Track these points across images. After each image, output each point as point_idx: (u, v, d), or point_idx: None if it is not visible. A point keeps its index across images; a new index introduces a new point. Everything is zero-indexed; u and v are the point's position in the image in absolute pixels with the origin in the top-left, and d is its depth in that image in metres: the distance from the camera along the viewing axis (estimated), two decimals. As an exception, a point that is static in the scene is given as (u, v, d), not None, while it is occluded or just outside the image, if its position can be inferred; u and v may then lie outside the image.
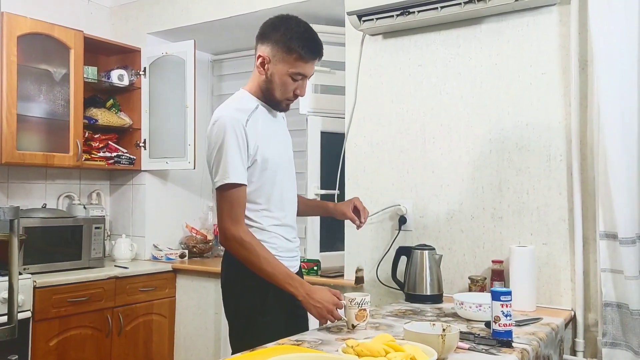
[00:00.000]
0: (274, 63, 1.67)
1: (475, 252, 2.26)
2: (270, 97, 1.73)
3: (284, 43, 1.65)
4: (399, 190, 2.46)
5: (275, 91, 1.70)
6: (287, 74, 1.67)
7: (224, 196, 1.62)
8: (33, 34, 2.76)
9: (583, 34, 2.05)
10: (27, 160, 2.74)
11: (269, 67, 1.68)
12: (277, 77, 1.68)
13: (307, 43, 1.67)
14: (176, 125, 3.18)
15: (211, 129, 1.66)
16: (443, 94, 2.36)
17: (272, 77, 1.68)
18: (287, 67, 1.66)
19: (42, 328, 2.48)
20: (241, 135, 1.62)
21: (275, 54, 1.66)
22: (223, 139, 1.61)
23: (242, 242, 1.62)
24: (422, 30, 2.40)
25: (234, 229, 1.62)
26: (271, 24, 1.70)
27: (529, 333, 1.63)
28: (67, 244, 2.81)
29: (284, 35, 1.65)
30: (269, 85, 1.70)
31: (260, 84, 1.72)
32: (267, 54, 1.67)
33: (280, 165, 1.77)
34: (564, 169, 2.09)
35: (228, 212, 1.62)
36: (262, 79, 1.71)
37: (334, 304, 1.63)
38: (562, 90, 2.10)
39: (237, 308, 1.72)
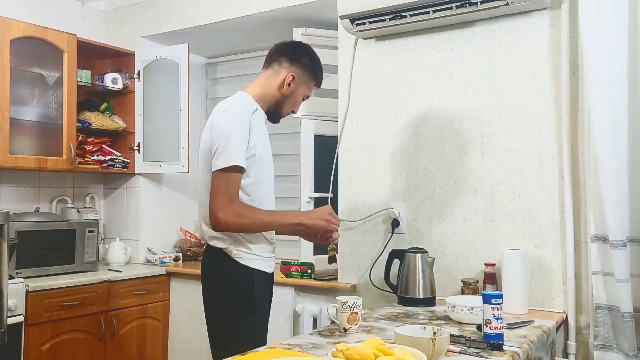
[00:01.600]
0: (299, 84, 1.86)
1: (468, 255, 2.27)
2: (277, 108, 1.88)
3: (312, 70, 1.88)
4: (392, 193, 2.46)
5: (285, 106, 1.88)
6: (303, 94, 1.90)
7: (226, 177, 1.67)
8: (26, 38, 2.75)
9: (574, 38, 2.07)
10: (20, 164, 2.74)
11: (292, 86, 1.85)
12: (295, 96, 1.87)
13: (322, 73, 1.94)
14: (170, 129, 3.18)
15: (220, 115, 1.74)
16: (435, 98, 2.37)
17: (291, 94, 1.86)
18: (305, 90, 1.90)
19: (35, 332, 2.47)
20: (247, 126, 1.72)
21: (302, 77, 1.86)
22: (232, 124, 1.70)
23: (240, 214, 1.67)
24: (414, 34, 2.41)
25: (230, 206, 1.66)
26: (301, 49, 1.91)
27: (520, 336, 1.64)
28: (60, 247, 2.80)
29: (312, 64, 1.89)
30: (283, 100, 1.86)
31: (272, 94, 1.85)
32: (297, 74, 1.85)
33: (270, 167, 1.87)
34: (556, 172, 2.10)
35: (226, 191, 1.67)
36: (280, 93, 1.85)
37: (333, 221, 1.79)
38: (553, 94, 2.11)
39: (221, 308, 1.78)
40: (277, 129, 3.32)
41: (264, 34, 3.19)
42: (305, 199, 2.80)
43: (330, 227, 1.79)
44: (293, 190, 3.18)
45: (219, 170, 1.68)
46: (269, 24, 3.02)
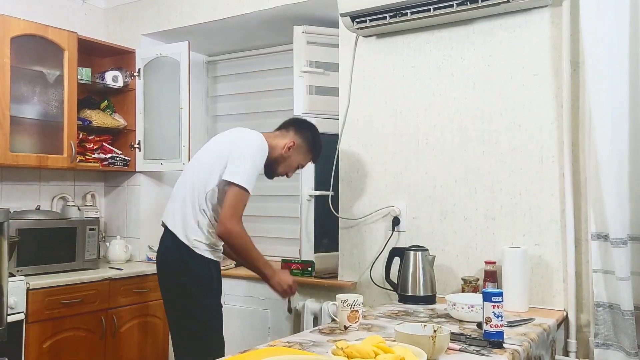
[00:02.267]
0: (297, 152, 2.16)
1: (469, 253, 2.27)
2: (273, 165, 2.15)
3: (311, 144, 2.19)
4: (392, 191, 2.46)
5: (280, 166, 2.16)
6: (298, 162, 2.19)
7: (242, 196, 1.96)
8: (26, 36, 2.75)
9: (574, 35, 2.06)
10: (20, 162, 2.74)
11: (291, 151, 2.14)
12: (290, 161, 2.16)
13: (320, 150, 2.24)
14: (171, 127, 3.17)
15: (250, 137, 2.05)
16: (436, 96, 2.37)
17: (288, 157, 2.15)
18: (301, 159, 2.19)
19: (36, 330, 2.47)
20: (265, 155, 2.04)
21: (301, 146, 2.16)
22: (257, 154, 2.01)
23: (242, 235, 1.97)
24: (415, 31, 2.41)
25: (238, 225, 1.96)
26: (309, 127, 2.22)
27: (521, 334, 1.64)
28: (61, 245, 2.80)
29: (313, 140, 2.20)
30: (281, 160, 2.15)
31: (273, 151, 2.11)
32: (298, 143, 2.16)
33: None
34: (556, 170, 2.10)
35: (238, 210, 1.96)
36: (279, 152, 2.13)
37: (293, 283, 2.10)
38: (553, 91, 2.11)
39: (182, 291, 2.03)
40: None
41: (265, 32, 3.19)
42: (305, 197, 2.80)
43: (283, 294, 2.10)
44: (293, 188, 3.18)
45: (237, 185, 1.94)
46: (270, 21, 3.02)
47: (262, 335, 2.72)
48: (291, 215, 3.22)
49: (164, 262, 2.09)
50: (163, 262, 2.10)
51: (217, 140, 2.13)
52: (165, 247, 2.08)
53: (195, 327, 2.04)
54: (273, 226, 3.31)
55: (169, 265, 2.07)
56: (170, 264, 2.07)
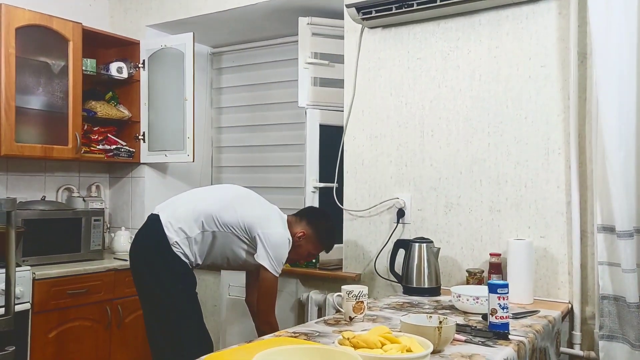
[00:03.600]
0: (307, 241, 2.19)
1: (473, 245, 2.26)
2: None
3: (323, 236, 2.23)
4: (397, 183, 2.46)
5: (292, 253, 2.14)
6: (309, 251, 2.23)
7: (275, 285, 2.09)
8: (31, 26, 2.75)
9: (582, 26, 2.05)
10: (26, 153, 2.74)
11: (302, 240, 2.18)
12: (301, 250, 2.20)
13: (333, 241, 2.29)
14: (175, 118, 3.17)
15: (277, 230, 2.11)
16: (442, 87, 2.36)
17: (299, 247, 2.18)
18: (312, 248, 2.23)
19: (41, 320, 2.49)
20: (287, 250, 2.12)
21: (311, 237, 2.20)
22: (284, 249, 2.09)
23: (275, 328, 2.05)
24: (421, 22, 2.40)
25: (274, 317, 2.12)
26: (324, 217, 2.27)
27: (526, 325, 1.64)
28: (66, 236, 2.81)
29: (326, 231, 2.24)
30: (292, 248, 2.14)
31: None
32: (309, 234, 2.19)
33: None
34: (562, 162, 2.09)
35: (273, 301, 2.11)
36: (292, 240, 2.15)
37: None
38: (560, 83, 2.10)
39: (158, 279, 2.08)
40: (282, 119, 3.34)
41: (269, 23, 3.18)
42: (310, 189, 2.80)
43: None
44: (298, 180, 3.18)
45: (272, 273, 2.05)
46: (275, 13, 3.00)
47: (266, 326, 2.73)
48: (296, 207, 3.22)
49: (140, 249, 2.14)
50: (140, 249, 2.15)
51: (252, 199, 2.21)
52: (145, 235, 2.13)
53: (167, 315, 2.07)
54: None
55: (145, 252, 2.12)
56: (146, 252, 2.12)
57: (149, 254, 2.11)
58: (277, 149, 3.39)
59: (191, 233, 2.06)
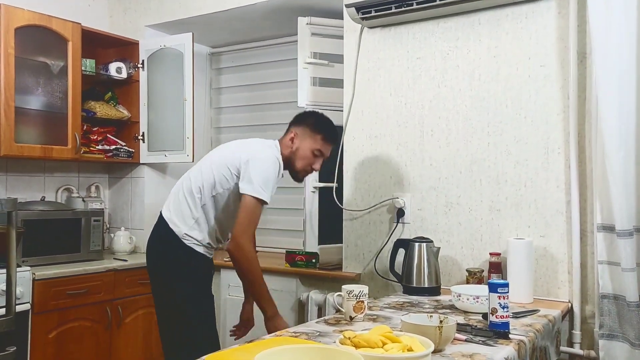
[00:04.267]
0: (302, 139, 2.06)
1: (473, 244, 2.27)
2: (292, 166, 2.09)
3: (314, 126, 2.08)
4: (397, 183, 2.46)
5: (297, 162, 2.07)
6: (310, 149, 2.07)
7: (255, 209, 1.91)
8: (31, 26, 2.74)
9: (582, 26, 2.05)
10: (25, 153, 2.74)
11: (296, 142, 2.06)
12: (302, 151, 2.06)
13: (331, 130, 2.12)
14: (174, 119, 3.17)
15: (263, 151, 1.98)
16: (441, 87, 2.36)
17: (297, 150, 2.06)
18: (311, 144, 2.07)
19: (41, 320, 2.49)
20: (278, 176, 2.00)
21: (304, 133, 2.07)
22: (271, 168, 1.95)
23: (249, 254, 1.91)
24: (420, 22, 2.40)
25: (248, 242, 1.91)
26: (305, 113, 2.18)
27: (526, 325, 1.64)
28: (66, 236, 2.81)
29: (315, 121, 2.10)
30: (294, 156, 2.07)
31: (286, 153, 2.07)
32: (298, 132, 2.07)
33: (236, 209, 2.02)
34: (562, 161, 2.09)
35: (249, 226, 1.91)
36: (289, 150, 2.07)
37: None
38: (560, 82, 2.10)
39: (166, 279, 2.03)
40: (282, 119, 3.33)
41: (269, 23, 3.18)
42: (310, 189, 2.80)
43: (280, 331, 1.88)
44: (298, 180, 3.18)
45: (253, 197, 1.89)
46: (274, 13, 3.01)
47: (266, 326, 2.73)
48: (295, 207, 3.22)
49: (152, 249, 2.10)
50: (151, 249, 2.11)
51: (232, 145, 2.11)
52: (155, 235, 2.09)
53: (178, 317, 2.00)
54: (277, 218, 3.31)
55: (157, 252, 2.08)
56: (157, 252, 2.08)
57: (160, 256, 2.06)
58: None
59: (195, 214, 2.00)
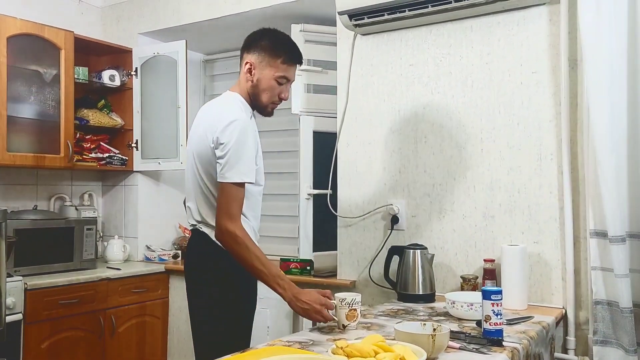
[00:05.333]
0: (261, 68, 1.78)
1: (467, 251, 2.26)
2: (257, 102, 1.83)
3: (271, 49, 1.78)
4: (391, 189, 2.46)
5: (261, 95, 1.80)
6: (272, 77, 1.79)
7: (232, 192, 1.69)
8: (23, 35, 2.74)
9: (573, 33, 2.06)
10: (17, 162, 2.73)
11: (255, 73, 1.79)
12: (263, 82, 1.79)
13: (291, 48, 1.81)
14: (168, 126, 3.17)
15: (227, 127, 1.70)
16: (435, 94, 2.36)
17: (258, 82, 1.79)
18: (273, 71, 1.78)
19: (34, 330, 2.46)
20: (255, 139, 1.76)
21: (262, 60, 1.78)
22: (242, 140, 1.69)
23: (236, 238, 1.68)
24: (413, 28, 2.40)
25: (231, 225, 1.68)
26: (256, 35, 1.83)
27: (520, 332, 1.64)
28: (58, 245, 2.80)
29: (270, 43, 1.79)
30: (256, 90, 1.80)
31: (247, 89, 1.82)
32: (253, 61, 1.79)
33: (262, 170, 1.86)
34: (555, 167, 2.09)
35: (229, 208, 1.69)
36: (249, 85, 1.81)
37: (322, 304, 1.64)
38: (552, 89, 2.11)
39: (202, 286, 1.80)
40: (276, 126, 3.34)
41: (262, 30, 3.18)
42: (304, 196, 2.80)
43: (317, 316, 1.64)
44: (292, 187, 3.18)
45: (231, 183, 1.68)
46: (267, 20, 3.00)
47: (261, 334, 2.71)
48: (289, 214, 3.22)
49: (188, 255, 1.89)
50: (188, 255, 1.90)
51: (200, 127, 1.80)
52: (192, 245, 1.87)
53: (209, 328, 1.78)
54: (271, 225, 3.31)
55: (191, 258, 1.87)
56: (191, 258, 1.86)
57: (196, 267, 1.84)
58: (271, 155, 3.38)
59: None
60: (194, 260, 1.85)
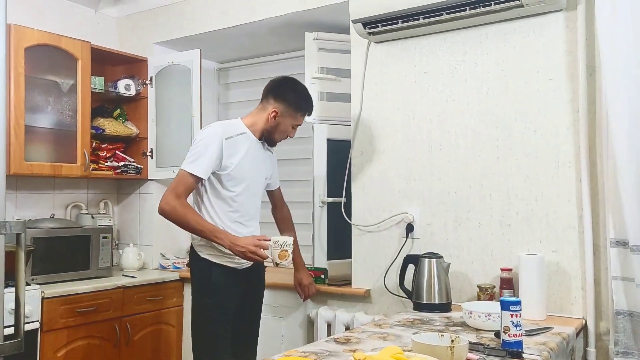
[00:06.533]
0: (283, 116, 2.17)
1: (484, 260, 2.24)
2: (269, 137, 2.22)
3: (295, 103, 2.17)
4: (405, 198, 2.44)
5: (275, 135, 2.21)
6: (290, 124, 2.19)
7: (179, 176, 2.04)
8: (40, 46, 2.78)
9: (590, 39, 2.04)
10: (35, 171, 2.76)
11: (277, 119, 2.16)
12: (282, 126, 2.19)
13: (309, 104, 2.21)
14: (182, 134, 3.18)
15: (202, 130, 2.14)
16: (449, 101, 2.35)
17: (278, 125, 2.18)
18: (292, 120, 2.19)
19: (51, 339, 2.48)
20: (217, 144, 2.05)
21: (285, 111, 2.16)
22: (201, 141, 2.06)
23: (174, 209, 2.00)
24: (427, 36, 2.40)
25: (172, 199, 2.01)
26: (284, 86, 2.20)
27: (540, 343, 1.61)
28: (75, 253, 2.82)
29: (295, 97, 2.18)
30: (272, 130, 2.19)
31: (264, 125, 2.19)
32: (280, 110, 2.16)
33: (252, 183, 2.18)
34: (573, 175, 2.07)
35: (174, 187, 2.03)
36: (269, 125, 2.18)
37: (256, 245, 1.99)
38: (569, 96, 2.08)
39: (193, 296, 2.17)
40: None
41: (276, 39, 3.20)
42: (318, 204, 2.79)
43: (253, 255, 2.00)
44: (306, 195, 3.17)
45: (182, 169, 2.04)
46: (281, 28, 3.02)
47: (275, 343, 2.71)
48: (303, 222, 3.21)
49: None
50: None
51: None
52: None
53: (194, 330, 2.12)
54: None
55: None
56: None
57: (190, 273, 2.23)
58: (285, 163, 3.38)
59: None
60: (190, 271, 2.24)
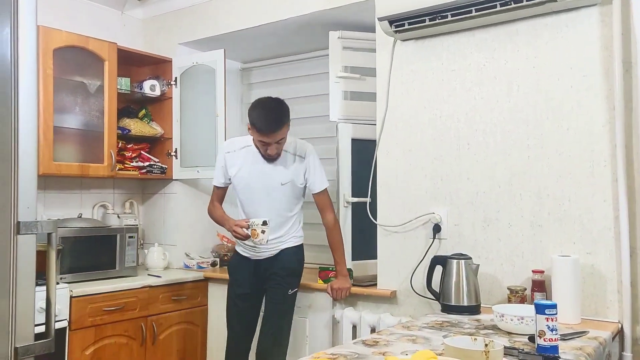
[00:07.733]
0: (251, 132, 2.41)
1: (514, 261, 2.19)
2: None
3: (250, 120, 2.38)
4: (432, 197, 2.40)
5: (258, 148, 2.45)
6: (257, 140, 2.41)
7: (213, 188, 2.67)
8: (68, 47, 2.81)
9: (626, 34, 1.97)
10: (63, 171, 2.79)
11: (251, 134, 2.42)
12: (254, 141, 2.44)
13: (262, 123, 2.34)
14: (207, 134, 3.19)
15: None
16: (478, 99, 2.30)
17: (254, 140, 2.44)
18: (257, 137, 2.40)
19: (79, 337, 2.51)
20: (221, 158, 2.57)
21: (251, 127, 2.40)
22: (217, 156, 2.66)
23: (208, 210, 2.71)
24: (455, 33, 2.35)
25: (209, 204, 2.71)
26: (253, 103, 2.43)
27: (576, 348, 1.56)
28: (101, 253, 2.85)
29: (250, 114, 2.39)
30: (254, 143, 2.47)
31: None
32: (249, 125, 2.41)
33: (247, 190, 2.52)
34: (609, 175, 2.00)
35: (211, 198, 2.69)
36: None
37: (236, 224, 2.43)
38: (604, 93, 2.02)
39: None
40: (314, 133, 3.32)
41: (300, 38, 3.18)
42: (343, 204, 2.76)
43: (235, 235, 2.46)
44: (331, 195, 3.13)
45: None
46: (305, 27, 3.00)
47: (300, 344, 2.69)
48: (328, 222, 3.18)
49: None
50: None
51: None
52: None
53: None
54: (310, 233, 3.27)
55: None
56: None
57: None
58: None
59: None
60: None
